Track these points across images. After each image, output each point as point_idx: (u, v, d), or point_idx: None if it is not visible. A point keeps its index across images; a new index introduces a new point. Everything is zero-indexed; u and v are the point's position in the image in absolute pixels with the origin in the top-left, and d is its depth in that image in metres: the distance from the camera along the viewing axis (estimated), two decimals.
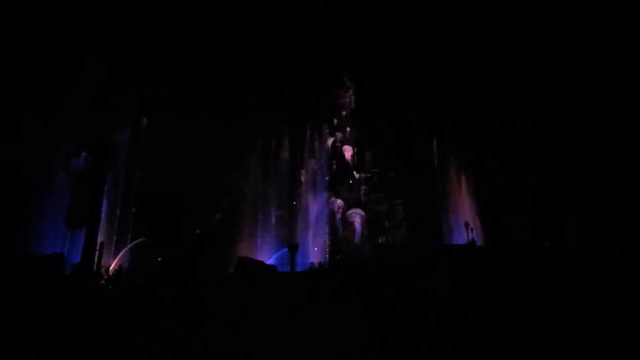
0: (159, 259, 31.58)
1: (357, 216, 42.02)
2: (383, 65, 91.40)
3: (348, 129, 51.34)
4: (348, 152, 50.39)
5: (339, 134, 50.89)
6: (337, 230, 41.79)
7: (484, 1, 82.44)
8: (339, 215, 43.17)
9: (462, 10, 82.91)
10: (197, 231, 34.27)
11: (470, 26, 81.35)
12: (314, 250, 37.46)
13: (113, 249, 29.82)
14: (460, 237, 40.19)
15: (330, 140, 51.04)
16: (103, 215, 29.31)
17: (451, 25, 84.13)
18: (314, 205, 43.81)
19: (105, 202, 29.95)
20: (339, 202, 44.45)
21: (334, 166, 48.56)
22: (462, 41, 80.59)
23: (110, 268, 23.01)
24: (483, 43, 79.96)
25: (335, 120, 51.97)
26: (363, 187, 46.10)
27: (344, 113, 52.40)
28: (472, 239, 37.36)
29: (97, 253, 25.27)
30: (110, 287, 18.13)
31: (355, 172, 48.69)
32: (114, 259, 29.21)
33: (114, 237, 30.44)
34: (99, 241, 26.34)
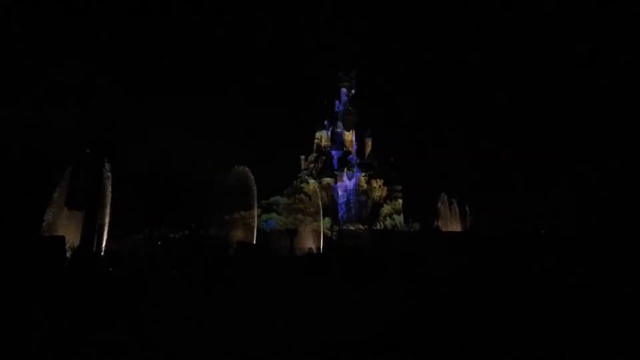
0: (159, 242, 31.71)
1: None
2: (386, 52, 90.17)
3: (348, 114, 50.76)
4: (348, 137, 50.04)
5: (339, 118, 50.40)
6: (338, 215, 41.93)
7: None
8: (340, 200, 43.28)
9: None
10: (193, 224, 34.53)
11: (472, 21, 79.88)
12: (313, 235, 37.74)
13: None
14: (459, 224, 40.48)
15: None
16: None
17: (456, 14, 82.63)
18: (316, 191, 43.92)
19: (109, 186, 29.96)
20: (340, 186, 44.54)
21: (334, 152, 48.34)
22: (463, 31, 79.28)
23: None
24: (482, 37, 78.67)
25: (337, 102, 51.45)
26: (363, 173, 45.97)
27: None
28: (471, 226, 37.58)
29: (96, 235, 25.34)
30: (110, 269, 18.25)
31: (355, 158, 48.50)
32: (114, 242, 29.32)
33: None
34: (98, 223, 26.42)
